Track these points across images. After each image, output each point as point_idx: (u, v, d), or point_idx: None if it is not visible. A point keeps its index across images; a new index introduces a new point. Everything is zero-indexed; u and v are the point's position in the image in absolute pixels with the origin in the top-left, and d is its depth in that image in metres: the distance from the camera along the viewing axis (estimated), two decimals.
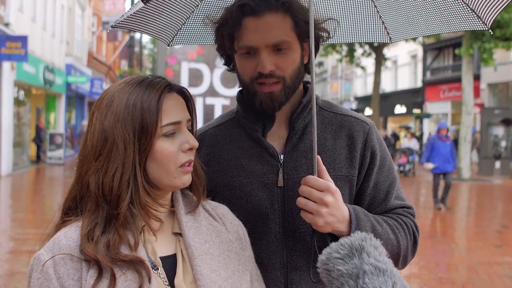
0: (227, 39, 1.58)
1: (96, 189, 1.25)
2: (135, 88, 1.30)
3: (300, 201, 1.46)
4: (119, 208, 1.24)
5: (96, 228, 1.24)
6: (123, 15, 1.57)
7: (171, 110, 1.31)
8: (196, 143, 1.36)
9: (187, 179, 1.36)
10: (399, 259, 1.63)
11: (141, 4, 1.49)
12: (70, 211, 1.32)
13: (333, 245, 1.29)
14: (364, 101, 43.84)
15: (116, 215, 1.25)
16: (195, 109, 1.44)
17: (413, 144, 24.04)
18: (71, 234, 1.26)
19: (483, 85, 28.42)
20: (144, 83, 1.31)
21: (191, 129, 1.41)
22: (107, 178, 1.25)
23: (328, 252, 1.29)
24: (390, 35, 1.91)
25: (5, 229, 9.55)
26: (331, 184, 1.47)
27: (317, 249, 1.47)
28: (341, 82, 50.85)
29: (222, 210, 1.51)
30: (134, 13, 1.56)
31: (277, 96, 1.57)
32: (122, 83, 1.33)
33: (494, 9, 1.66)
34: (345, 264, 1.24)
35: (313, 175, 1.49)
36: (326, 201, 1.44)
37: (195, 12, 1.77)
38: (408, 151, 22.63)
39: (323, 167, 1.50)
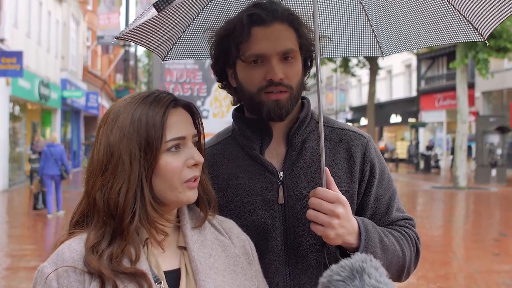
0: (234, 48, 1.57)
1: (102, 205, 1.26)
2: (141, 103, 1.31)
3: (310, 213, 1.44)
4: (123, 223, 1.25)
5: (102, 242, 1.25)
6: (128, 26, 1.54)
7: (176, 126, 1.32)
8: (201, 159, 1.34)
9: (192, 195, 1.34)
10: (404, 270, 1.63)
11: (153, 13, 1.36)
12: (77, 225, 1.33)
13: (334, 267, 1.29)
14: (359, 111, 43.90)
15: (121, 231, 1.25)
16: (202, 125, 1.43)
17: None
18: (75, 246, 1.27)
19: (477, 93, 28.53)
20: (149, 98, 1.32)
21: (199, 145, 1.41)
22: (112, 193, 1.25)
23: (329, 274, 1.28)
24: (382, 49, 1.91)
25: (2, 246, 9.49)
26: (341, 195, 1.46)
27: (327, 262, 1.46)
28: (336, 92, 50.95)
29: (229, 224, 1.49)
30: (140, 24, 1.51)
31: (284, 104, 1.57)
32: (128, 98, 1.34)
33: (492, 22, 1.65)
34: (347, 286, 1.24)
35: (317, 189, 1.46)
36: (338, 212, 1.42)
37: (191, 26, 1.76)
38: None
39: (332, 179, 1.49)
